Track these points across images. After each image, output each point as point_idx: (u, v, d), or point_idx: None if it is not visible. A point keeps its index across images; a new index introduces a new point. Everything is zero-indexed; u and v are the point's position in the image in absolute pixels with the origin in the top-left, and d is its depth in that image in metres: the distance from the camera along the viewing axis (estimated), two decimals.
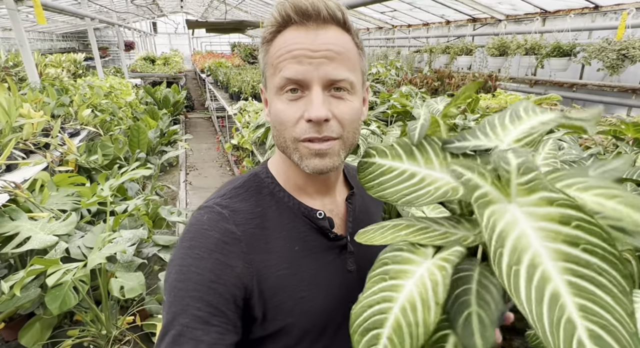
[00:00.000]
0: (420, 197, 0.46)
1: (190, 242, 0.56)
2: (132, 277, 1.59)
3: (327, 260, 0.63)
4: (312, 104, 0.53)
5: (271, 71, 0.57)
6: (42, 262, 1.33)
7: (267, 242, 0.58)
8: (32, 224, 1.56)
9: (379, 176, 0.53)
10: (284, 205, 0.62)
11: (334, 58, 0.54)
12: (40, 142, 2.25)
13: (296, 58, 0.53)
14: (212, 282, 0.52)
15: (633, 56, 3.07)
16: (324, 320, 0.62)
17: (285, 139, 0.57)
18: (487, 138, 0.50)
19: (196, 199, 4.32)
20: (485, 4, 4.80)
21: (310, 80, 0.53)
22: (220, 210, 0.58)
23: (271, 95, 0.58)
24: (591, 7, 3.79)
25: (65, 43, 16.36)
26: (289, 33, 0.55)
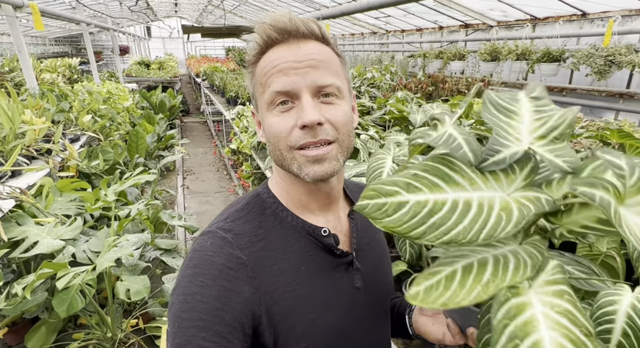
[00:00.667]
0: (498, 227, 0.38)
1: (194, 269, 0.54)
2: (138, 280, 1.62)
3: (335, 278, 0.62)
4: (303, 110, 0.54)
5: (260, 90, 0.58)
6: (51, 266, 1.36)
7: (273, 265, 0.57)
8: (39, 229, 1.59)
9: (425, 218, 0.39)
10: (287, 225, 0.61)
11: (318, 66, 0.56)
12: (42, 148, 2.28)
13: (282, 71, 0.55)
14: (218, 310, 0.50)
15: (619, 62, 3.18)
16: (337, 339, 0.61)
17: (281, 150, 0.57)
18: (509, 140, 0.46)
19: (194, 203, 4.35)
20: (477, 10, 4.92)
21: (299, 90, 0.55)
22: (224, 234, 0.57)
23: (263, 113, 0.59)
24: (579, 14, 3.91)
25: (58, 47, 16.29)
26: (273, 52, 0.57)
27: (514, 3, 4.32)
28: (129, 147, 3.43)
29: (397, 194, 0.41)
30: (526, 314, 0.36)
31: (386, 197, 0.41)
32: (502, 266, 0.40)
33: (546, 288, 0.39)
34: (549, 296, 0.38)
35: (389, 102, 2.25)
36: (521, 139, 0.46)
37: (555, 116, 0.49)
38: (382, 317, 0.71)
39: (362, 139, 1.67)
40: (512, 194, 0.43)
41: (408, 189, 0.41)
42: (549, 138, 0.47)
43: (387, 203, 0.40)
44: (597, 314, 0.70)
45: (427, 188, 0.42)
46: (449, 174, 0.43)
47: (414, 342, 0.98)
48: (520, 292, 0.38)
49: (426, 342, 1.01)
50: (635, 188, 0.40)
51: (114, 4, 11.31)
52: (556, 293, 0.38)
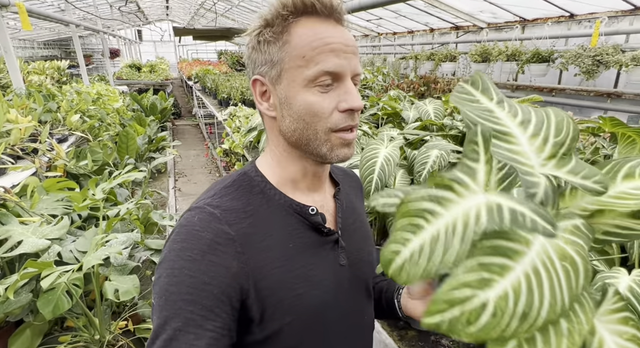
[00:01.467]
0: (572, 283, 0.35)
1: (181, 243, 0.54)
2: (127, 279, 1.58)
3: (321, 256, 0.63)
4: (351, 94, 0.55)
5: (299, 63, 0.55)
6: (35, 265, 1.32)
7: (261, 241, 0.58)
8: (23, 228, 1.54)
9: (512, 311, 0.32)
10: (275, 203, 0.61)
11: (356, 54, 0.57)
12: (28, 147, 2.23)
13: (334, 51, 0.54)
14: (206, 284, 0.51)
15: (607, 62, 3.23)
16: (323, 315, 0.62)
17: (317, 130, 0.56)
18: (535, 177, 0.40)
19: (186, 205, 4.29)
20: (467, 12, 4.97)
21: (345, 73, 0.55)
22: (212, 210, 0.57)
23: (294, 87, 0.56)
24: (567, 15, 3.97)
25: (47, 51, 16.11)
26: (313, 24, 0.55)
27: (503, 5, 4.38)
28: (119, 148, 3.38)
29: (473, 297, 0.32)
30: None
31: (462, 305, 0.32)
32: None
33: (610, 316, 0.38)
34: (614, 324, 0.38)
35: (382, 100, 2.25)
36: (533, 165, 0.41)
37: (552, 128, 0.44)
38: (365, 295, 0.73)
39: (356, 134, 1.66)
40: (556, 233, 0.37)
41: (480, 286, 0.32)
42: (558, 156, 0.42)
43: (465, 312, 0.32)
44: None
45: (497, 275, 0.33)
46: (509, 246, 0.34)
47: (409, 332, 0.97)
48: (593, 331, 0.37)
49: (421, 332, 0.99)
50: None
51: (104, 7, 11.24)
52: (621, 320, 0.38)
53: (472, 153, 0.39)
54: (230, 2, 9.79)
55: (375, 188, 0.95)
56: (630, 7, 3.35)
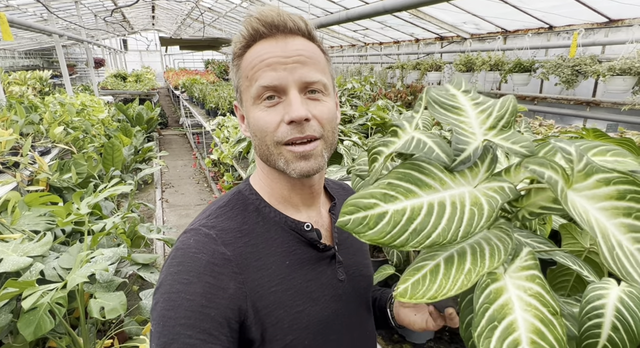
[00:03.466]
0: (472, 223, 0.40)
1: (177, 267, 0.53)
2: (113, 296, 1.53)
3: (318, 272, 0.63)
4: (291, 105, 0.54)
5: (246, 84, 0.58)
6: (16, 285, 1.27)
7: (257, 259, 0.57)
8: (3, 246, 1.49)
9: (406, 226, 0.40)
10: (270, 220, 0.61)
11: (306, 62, 0.56)
12: (9, 161, 2.16)
13: (270, 66, 0.55)
14: (204, 307, 0.50)
15: (585, 71, 3.34)
16: (324, 332, 0.61)
17: (267, 145, 0.57)
18: (469, 138, 0.48)
19: (173, 217, 4.22)
20: (451, 23, 5.10)
21: (286, 85, 0.55)
22: (207, 231, 0.57)
23: (248, 107, 0.59)
24: (546, 27, 4.12)
25: (28, 60, 15.78)
26: (260, 45, 0.57)
27: (486, 17, 4.51)
28: (105, 159, 3.31)
29: (375, 206, 0.41)
30: (503, 298, 0.40)
31: (366, 210, 0.41)
32: (479, 254, 0.42)
33: (520, 273, 0.42)
34: (522, 280, 0.41)
35: (371, 110, 2.27)
36: (475, 132, 0.49)
37: (497, 106, 0.52)
38: (365, 309, 0.72)
39: (346, 145, 1.66)
40: (478, 186, 0.46)
41: (385, 199, 0.42)
42: (498, 127, 0.50)
43: (367, 217, 0.41)
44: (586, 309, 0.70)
45: (402, 196, 0.43)
46: (421, 178, 0.44)
47: (405, 346, 0.96)
48: (498, 278, 0.42)
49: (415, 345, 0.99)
50: (582, 174, 0.42)
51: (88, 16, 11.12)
52: (528, 277, 0.41)
53: (417, 107, 0.56)
54: (217, 12, 9.82)
55: None
56: (605, 19, 3.49)
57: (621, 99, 3.27)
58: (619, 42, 3.32)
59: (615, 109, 3.51)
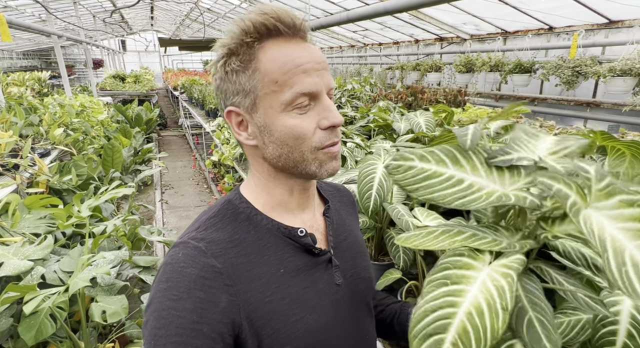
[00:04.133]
0: (473, 200, 0.47)
1: (166, 283, 0.51)
2: (114, 300, 1.52)
3: (315, 277, 0.61)
4: (330, 111, 0.55)
5: (273, 88, 0.54)
6: (17, 289, 1.25)
7: (250, 270, 0.56)
8: (4, 249, 1.47)
9: (424, 180, 0.51)
10: (262, 228, 0.60)
11: (327, 68, 0.58)
12: (9, 163, 2.15)
13: (306, 72, 0.54)
14: (195, 323, 0.49)
15: (585, 72, 3.34)
16: (322, 339, 0.60)
17: (302, 152, 0.56)
18: (524, 151, 0.54)
19: (173, 219, 4.20)
20: (451, 24, 5.10)
21: (321, 91, 0.55)
22: (196, 244, 0.55)
23: (271, 113, 0.55)
24: (546, 28, 4.12)
25: (26, 61, 15.73)
26: (280, 47, 0.54)
27: (485, 17, 4.51)
28: (104, 161, 3.29)
29: (411, 160, 0.54)
30: (470, 272, 0.44)
31: (404, 161, 0.54)
32: (476, 236, 0.48)
33: (499, 268, 0.45)
34: (497, 273, 0.44)
35: (372, 111, 2.26)
36: (535, 151, 0.55)
37: (573, 143, 0.58)
38: (366, 312, 0.71)
39: (349, 146, 1.65)
40: (508, 188, 0.51)
41: (421, 159, 0.54)
42: (560, 154, 0.55)
43: (402, 166, 0.53)
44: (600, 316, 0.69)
45: (434, 162, 0.53)
46: (458, 157, 0.54)
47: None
48: (478, 258, 0.46)
49: None
50: (603, 193, 0.44)
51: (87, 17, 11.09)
52: (503, 274, 0.44)
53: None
54: (216, 13, 9.80)
55: (374, 204, 0.94)
56: (605, 20, 3.49)
57: (621, 100, 3.27)
58: (619, 43, 3.32)
59: (615, 110, 3.51)
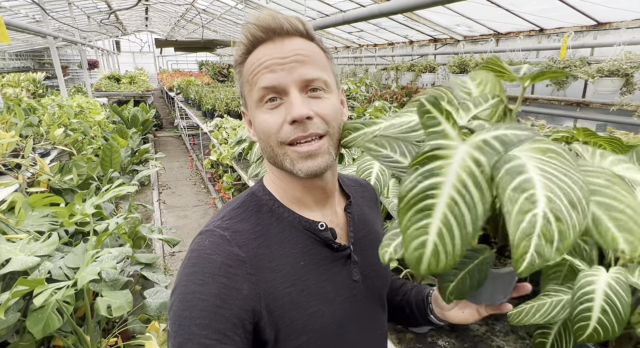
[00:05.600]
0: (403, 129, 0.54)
1: (192, 268, 0.54)
2: (119, 295, 1.56)
3: (333, 272, 0.62)
4: (292, 105, 0.55)
5: (248, 88, 0.59)
6: (27, 283, 1.29)
7: (271, 260, 0.57)
8: (11, 246, 1.51)
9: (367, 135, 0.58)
10: (284, 220, 0.61)
11: (304, 61, 0.56)
12: (11, 162, 2.18)
13: (268, 67, 0.55)
14: (219, 307, 0.51)
15: (576, 73, 3.43)
16: (337, 332, 0.61)
17: (272, 146, 0.58)
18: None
19: (171, 218, 4.22)
20: (444, 25, 5.18)
21: (286, 85, 0.55)
22: (222, 232, 0.57)
23: (252, 111, 0.60)
24: (537, 29, 4.21)
25: (19, 62, 15.61)
26: (259, 50, 0.58)
27: (478, 19, 4.60)
28: (103, 161, 3.32)
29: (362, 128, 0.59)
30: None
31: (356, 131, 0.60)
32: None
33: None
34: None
35: (368, 111, 2.32)
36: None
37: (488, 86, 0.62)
38: (379, 309, 0.72)
39: None
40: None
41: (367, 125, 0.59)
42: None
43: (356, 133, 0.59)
44: (577, 294, 0.75)
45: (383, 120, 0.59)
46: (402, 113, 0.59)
47: (407, 335, 1.01)
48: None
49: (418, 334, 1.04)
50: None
51: (80, 18, 11.05)
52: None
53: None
54: (212, 14, 9.82)
55: None
56: (593, 22, 3.59)
57: (610, 100, 3.37)
58: (607, 44, 3.42)
59: (604, 110, 3.61)
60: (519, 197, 0.35)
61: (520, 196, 0.35)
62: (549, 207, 0.34)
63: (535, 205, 0.34)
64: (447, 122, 0.41)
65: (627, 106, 3.07)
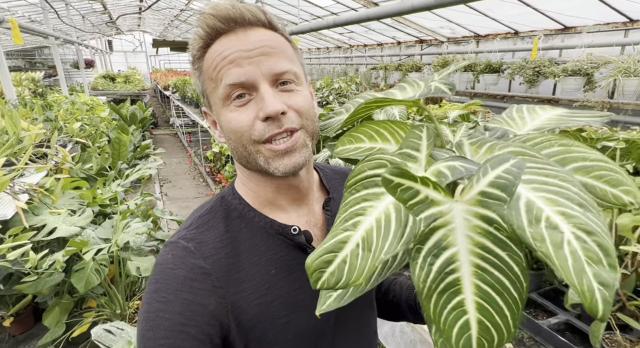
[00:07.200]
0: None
1: (155, 285, 0.52)
2: (145, 259, 1.86)
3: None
4: (264, 100, 0.51)
5: (211, 85, 0.54)
6: (75, 244, 1.58)
7: (239, 271, 0.55)
8: (55, 218, 1.79)
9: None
10: (255, 226, 0.58)
11: (271, 53, 0.52)
12: (39, 152, 2.45)
13: (234, 62, 0.51)
14: (183, 325, 0.49)
15: (545, 72, 3.80)
16: (314, 340, 0.59)
17: (244, 145, 0.53)
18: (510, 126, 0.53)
19: (174, 209, 4.50)
20: (429, 28, 5.53)
21: (255, 80, 0.51)
22: (186, 244, 0.54)
23: (218, 110, 0.55)
24: (512, 32, 4.58)
25: (10, 61, 15.63)
26: (219, 43, 0.53)
27: (460, 22, 4.95)
28: (112, 153, 3.59)
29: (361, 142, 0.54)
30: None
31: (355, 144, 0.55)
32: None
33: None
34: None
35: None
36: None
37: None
38: (365, 307, 0.69)
39: None
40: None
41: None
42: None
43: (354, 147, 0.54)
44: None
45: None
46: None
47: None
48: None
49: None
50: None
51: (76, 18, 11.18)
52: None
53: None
54: None
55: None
56: (561, 26, 3.96)
57: (575, 97, 3.74)
58: (572, 46, 3.78)
59: (570, 105, 3.98)
60: (541, 230, 0.31)
61: (540, 227, 0.31)
62: (570, 223, 0.31)
63: (559, 229, 0.30)
64: (427, 187, 0.34)
65: (588, 102, 3.44)
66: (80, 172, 2.72)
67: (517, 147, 0.39)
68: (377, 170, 0.40)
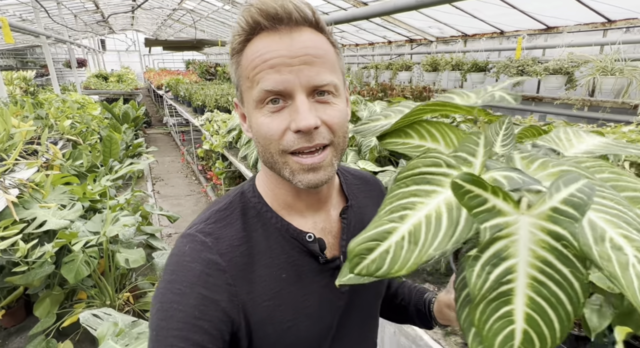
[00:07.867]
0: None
1: (171, 275, 0.53)
2: (134, 251, 1.91)
3: (320, 284, 0.59)
4: (298, 112, 0.49)
5: (247, 84, 0.53)
6: (65, 236, 1.63)
7: (252, 271, 0.55)
8: (45, 211, 1.84)
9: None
10: (271, 227, 0.58)
11: (314, 62, 0.50)
12: (29, 149, 2.49)
13: (274, 67, 0.49)
14: (197, 319, 0.50)
15: (528, 71, 3.90)
16: (317, 345, 0.60)
17: (272, 153, 0.53)
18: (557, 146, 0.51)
19: (166, 206, 4.54)
20: (418, 27, 5.62)
21: (292, 89, 0.49)
22: (203, 238, 0.55)
23: (250, 109, 0.54)
24: (498, 32, 4.68)
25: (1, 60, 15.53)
26: (260, 40, 0.50)
27: (448, 23, 5.05)
28: (104, 151, 3.63)
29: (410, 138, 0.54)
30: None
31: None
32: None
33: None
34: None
35: None
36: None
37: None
38: (368, 318, 0.70)
39: None
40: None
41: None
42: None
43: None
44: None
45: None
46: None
47: None
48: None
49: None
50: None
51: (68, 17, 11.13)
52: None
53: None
54: (199, 14, 10.07)
55: None
56: (543, 26, 4.06)
57: (557, 95, 3.84)
58: (554, 46, 3.89)
59: (552, 103, 4.09)
60: (607, 250, 0.31)
61: (606, 247, 0.32)
62: (633, 246, 0.31)
63: (624, 251, 0.31)
64: (496, 197, 0.34)
65: (569, 100, 3.54)
66: (71, 168, 2.76)
67: (572, 166, 0.39)
68: (432, 168, 0.41)
